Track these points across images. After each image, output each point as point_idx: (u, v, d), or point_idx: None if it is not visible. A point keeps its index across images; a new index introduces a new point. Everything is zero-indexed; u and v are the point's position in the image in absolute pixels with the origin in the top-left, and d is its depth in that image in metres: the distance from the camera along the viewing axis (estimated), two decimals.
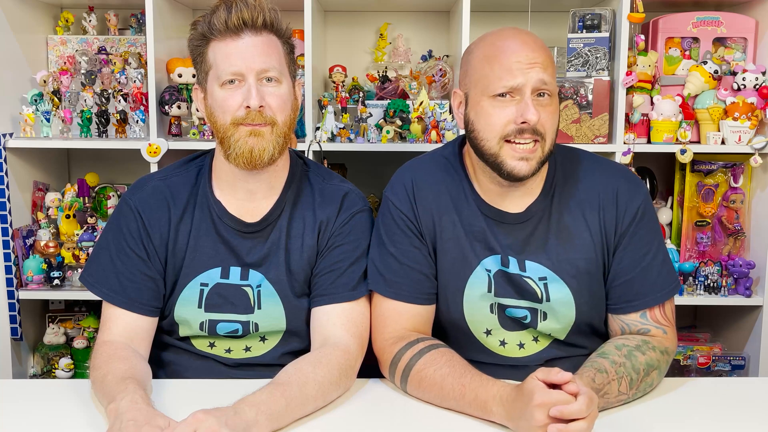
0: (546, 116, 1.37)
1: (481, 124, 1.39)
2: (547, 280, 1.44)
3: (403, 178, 1.53)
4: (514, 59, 1.36)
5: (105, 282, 1.46)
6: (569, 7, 2.33)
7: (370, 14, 2.66)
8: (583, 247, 1.44)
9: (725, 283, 2.32)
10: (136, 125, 2.35)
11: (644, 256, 1.45)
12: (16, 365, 2.39)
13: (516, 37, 1.40)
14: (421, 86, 2.41)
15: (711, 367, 2.39)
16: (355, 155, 2.42)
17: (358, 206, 1.53)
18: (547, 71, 1.37)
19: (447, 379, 1.31)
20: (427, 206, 1.48)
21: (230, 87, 1.39)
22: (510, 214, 1.46)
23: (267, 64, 1.40)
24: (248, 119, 1.39)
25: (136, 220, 1.48)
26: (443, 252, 1.48)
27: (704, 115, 2.30)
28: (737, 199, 2.37)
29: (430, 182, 1.50)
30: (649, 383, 1.37)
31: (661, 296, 1.45)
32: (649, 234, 1.46)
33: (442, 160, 1.54)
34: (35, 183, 2.49)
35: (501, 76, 1.36)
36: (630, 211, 1.44)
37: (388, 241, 1.48)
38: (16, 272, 2.31)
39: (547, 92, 1.37)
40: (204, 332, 1.50)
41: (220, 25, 1.38)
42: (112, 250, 1.48)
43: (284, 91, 1.43)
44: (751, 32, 2.33)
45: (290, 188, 1.52)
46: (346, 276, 1.47)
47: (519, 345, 1.49)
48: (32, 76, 2.45)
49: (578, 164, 1.50)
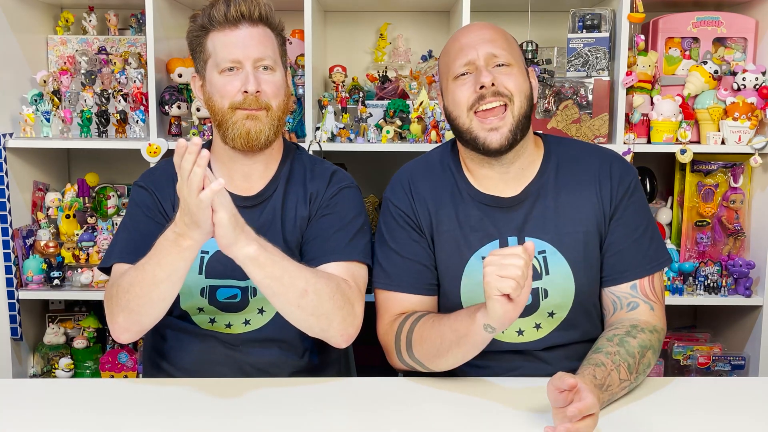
0: (506, 79, 1.46)
1: (451, 104, 1.51)
2: (546, 253, 1.49)
3: (400, 178, 1.62)
4: (465, 41, 1.50)
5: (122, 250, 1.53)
6: (569, 7, 2.33)
7: (370, 14, 2.66)
8: (581, 221, 1.51)
9: (725, 283, 2.32)
10: (136, 125, 2.35)
11: (636, 229, 1.52)
12: (16, 365, 2.39)
13: (469, 25, 1.57)
14: (421, 86, 2.41)
15: (711, 367, 2.39)
16: (355, 155, 2.42)
17: (346, 182, 1.62)
18: (496, 45, 1.48)
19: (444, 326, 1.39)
20: (424, 201, 1.55)
21: (229, 74, 1.51)
22: (506, 198, 1.52)
23: (263, 53, 1.51)
24: (245, 104, 1.50)
25: (150, 195, 1.59)
26: (440, 244, 1.54)
27: (704, 115, 2.30)
28: (737, 199, 2.37)
29: (426, 180, 1.58)
30: (647, 364, 1.41)
31: (651, 268, 1.51)
32: (640, 209, 1.54)
33: (436, 160, 1.62)
34: (35, 183, 2.49)
35: (456, 57, 1.49)
36: (624, 184, 1.52)
37: (389, 238, 1.56)
38: (16, 272, 2.31)
39: (503, 63, 1.47)
40: (204, 298, 1.54)
41: (219, 17, 1.50)
42: (129, 224, 1.57)
43: (278, 79, 1.54)
44: (751, 32, 2.33)
45: (284, 167, 1.61)
46: (333, 240, 1.54)
47: (518, 331, 1.52)
48: (32, 76, 2.45)
49: (572, 147, 1.59)
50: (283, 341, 1.57)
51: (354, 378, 1.74)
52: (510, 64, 1.47)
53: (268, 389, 1.42)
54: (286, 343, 1.58)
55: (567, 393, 1.19)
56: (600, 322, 1.57)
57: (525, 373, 1.50)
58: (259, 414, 1.31)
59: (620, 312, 1.51)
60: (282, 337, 1.56)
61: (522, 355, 1.52)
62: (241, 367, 1.56)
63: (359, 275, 1.53)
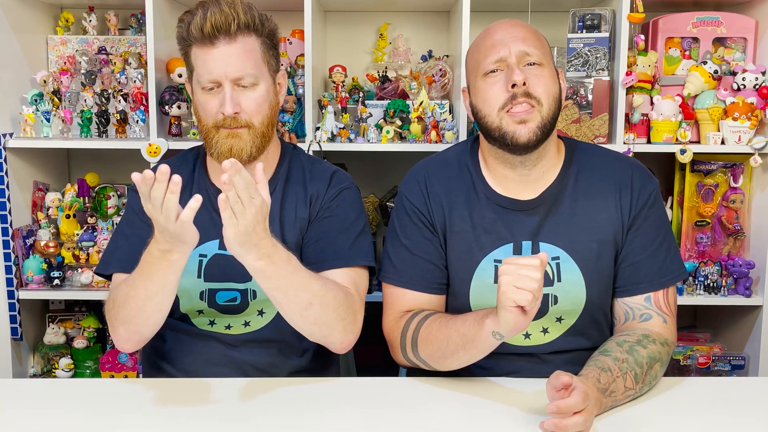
0: (536, 81, 1.43)
1: (481, 102, 1.47)
2: (559, 260, 1.48)
3: (416, 174, 1.60)
4: (497, 37, 1.46)
5: (121, 258, 1.52)
6: (569, 7, 2.33)
7: (370, 14, 2.66)
8: (598, 230, 1.49)
9: (725, 283, 2.32)
10: (136, 125, 2.35)
11: (654, 240, 1.50)
12: (16, 365, 2.39)
13: (501, 22, 1.51)
14: (421, 86, 2.41)
15: (711, 367, 2.39)
16: (355, 155, 2.42)
17: (346, 183, 1.61)
18: (528, 43, 1.44)
19: (451, 329, 1.38)
20: (439, 200, 1.54)
21: (209, 93, 1.48)
22: (523, 201, 1.50)
23: (241, 71, 1.46)
24: (225, 123, 1.48)
25: None
26: (452, 244, 1.53)
27: (704, 115, 2.30)
28: (737, 199, 2.37)
29: (442, 178, 1.56)
30: (654, 376, 1.39)
31: (667, 281, 1.49)
32: (659, 220, 1.52)
33: (453, 159, 1.60)
34: (35, 183, 2.49)
35: (487, 54, 1.45)
36: (644, 194, 1.51)
37: (401, 234, 1.55)
38: (16, 272, 2.31)
39: (534, 62, 1.44)
40: (204, 302, 1.54)
41: (196, 32, 1.45)
42: (127, 231, 1.56)
43: (260, 94, 1.49)
44: (751, 32, 2.33)
45: (281, 168, 1.60)
46: (335, 245, 1.53)
47: (525, 335, 1.51)
48: (32, 76, 2.45)
49: (594, 154, 1.57)
50: (283, 342, 1.57)
51: (354, 378, 1.74)
52: (542, 63, 1.44)
53: (268, 389, 1.42)
54: (286, 344, 1.58)
55: (563, 391, 1.19)
56: (609, 331, 1.55)
57: (530, 376, 1.48)
58: (260, 414, 1.31)
59: (632, 322, 1.49)
60: (282, 337, 1.56)
61: (528, 357, 1.51)
62: (240, 367, 1.56)
63: (361, 282, 1.53)
